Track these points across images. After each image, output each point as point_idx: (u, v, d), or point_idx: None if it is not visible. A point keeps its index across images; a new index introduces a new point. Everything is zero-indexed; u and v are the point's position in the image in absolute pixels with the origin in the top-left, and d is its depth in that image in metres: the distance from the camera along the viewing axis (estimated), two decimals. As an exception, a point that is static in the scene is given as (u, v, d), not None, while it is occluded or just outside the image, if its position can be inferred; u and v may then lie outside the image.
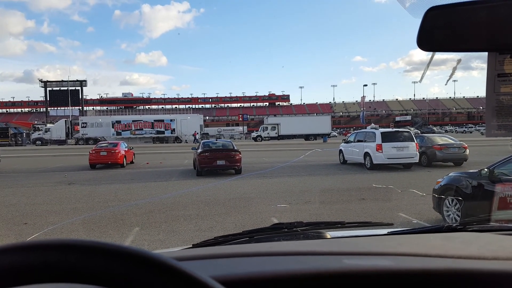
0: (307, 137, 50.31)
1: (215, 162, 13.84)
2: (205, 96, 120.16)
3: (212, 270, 0.95)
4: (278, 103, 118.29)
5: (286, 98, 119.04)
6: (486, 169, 5.64)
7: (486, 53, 0.86)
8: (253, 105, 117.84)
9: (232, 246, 1.42)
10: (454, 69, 1.15)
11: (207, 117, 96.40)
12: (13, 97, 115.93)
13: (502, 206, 4.97)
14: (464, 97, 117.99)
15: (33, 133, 56.01)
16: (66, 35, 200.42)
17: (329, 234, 1.55)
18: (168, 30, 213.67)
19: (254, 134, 54.48)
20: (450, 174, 6.50)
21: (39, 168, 18.42)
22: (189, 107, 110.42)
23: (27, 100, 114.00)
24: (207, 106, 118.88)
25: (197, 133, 48.47)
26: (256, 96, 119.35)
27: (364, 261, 1.05)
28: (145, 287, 0.47)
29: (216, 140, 17.27)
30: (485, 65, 0.88)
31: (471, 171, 6.22)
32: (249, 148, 29.88)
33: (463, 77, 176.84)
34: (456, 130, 75.13)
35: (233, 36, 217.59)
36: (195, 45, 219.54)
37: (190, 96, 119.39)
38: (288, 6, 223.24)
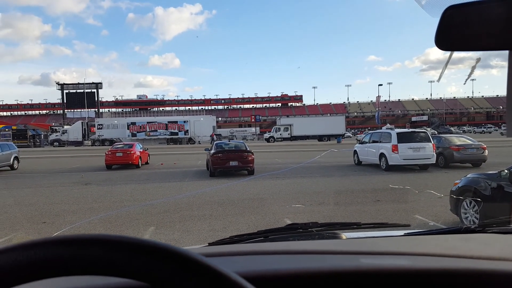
0: (320, 138, 49.94)
1: (228, 163, 13.89)
2: (218, 98, 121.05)
3: (230, 267, 0.94)
4: (291, 103, 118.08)
5: (299, 98, 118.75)
6: (506, 171, 5.50)
7: (506, 52, 0.84)
8: (265, 106, 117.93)
9: (248, 244, 1.42)
10: (473, 68, 1.12)
11: (220, 118, 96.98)
12: (31, 100, 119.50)
13: (522, 208, 4.84)
14: (482, 96, 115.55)
15: (50, 134, 57.34)
16: (81, 38, 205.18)
17: (345, 235, 1.54)
18: (181, 32, 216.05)
19: (266, 135, 54.41)
20: (468, 176, 6.36)
21: (57, 169, 18.83)
22: (202, 108, 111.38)
23: (45, 102, 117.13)
24: (220, 107, 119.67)
25: (215, 134, 48.73)
26: (268, 97, 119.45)
27: (381, 261, 1.04)
28: (173, 281, 0.48)
29: (229, 141, 17.34)
30: (505, 63, 0.86)
31: (490, 172, 6.08)
32: (262, 149, 29.88)
33: (482, 75, 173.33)
34: (474, 131, 73.48)
35: (245, 37, 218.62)
36: (208, 46, 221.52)
37: (203, 98, 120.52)
38: (300, 6, 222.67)
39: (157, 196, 9.89)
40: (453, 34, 0.77)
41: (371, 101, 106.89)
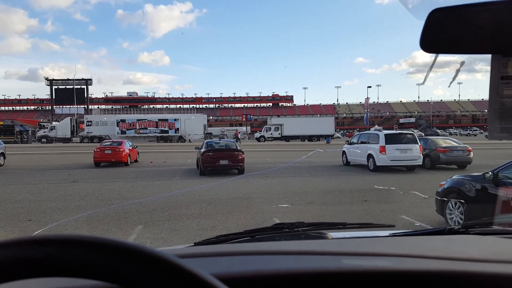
0: (310, 138, 50.23)
1: (218, 162, 13.87)
2: (209, 96, 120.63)
3: (213, 268, 0.96)
4: (282, 103, 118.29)
5: (289, 99, 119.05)
6: (490, 173, 5.61)
7: (490, 55, 0.85)
8: (256, 105, 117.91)
9: (233, 244, 1.42)
10: (457, 71, 1.13)
11: (211, 117, 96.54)
12: (19, 95, 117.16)
13: (505, 210, 4.94)
14: (468, 99, 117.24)
15: (38, 130, 56.27)
16: (70, 33, 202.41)
17: (331, 234, 1.55)
18: (171, 30, 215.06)
19: (257, 135, 54.45)
20: (453, 177, 6.48)
21: (44, 166, 18.53)
22: (193, 106, 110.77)
23: (33, 98, 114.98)
24: (211, 106, 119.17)
25: (239, 133, 47.36)
26: (259, 96, 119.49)
27: (364, 262, 1.05)
28: (146, 283, 0.48)
29: (220, 140, 17.31)
30: (489, 68, 0.87)
31: (475, 174, 6.19)
32: (252, 149, 29.88)
33: (467, 79, 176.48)
34: (460, 133, 74.68)
35: (236, 36, 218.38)
36: (198, 45, 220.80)
37: (194, 96, 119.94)
38: (291, 7, 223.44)
39: (146, 194, 9.82)
40: (437, 37, 0.77)
41: (360, 102, 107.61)
